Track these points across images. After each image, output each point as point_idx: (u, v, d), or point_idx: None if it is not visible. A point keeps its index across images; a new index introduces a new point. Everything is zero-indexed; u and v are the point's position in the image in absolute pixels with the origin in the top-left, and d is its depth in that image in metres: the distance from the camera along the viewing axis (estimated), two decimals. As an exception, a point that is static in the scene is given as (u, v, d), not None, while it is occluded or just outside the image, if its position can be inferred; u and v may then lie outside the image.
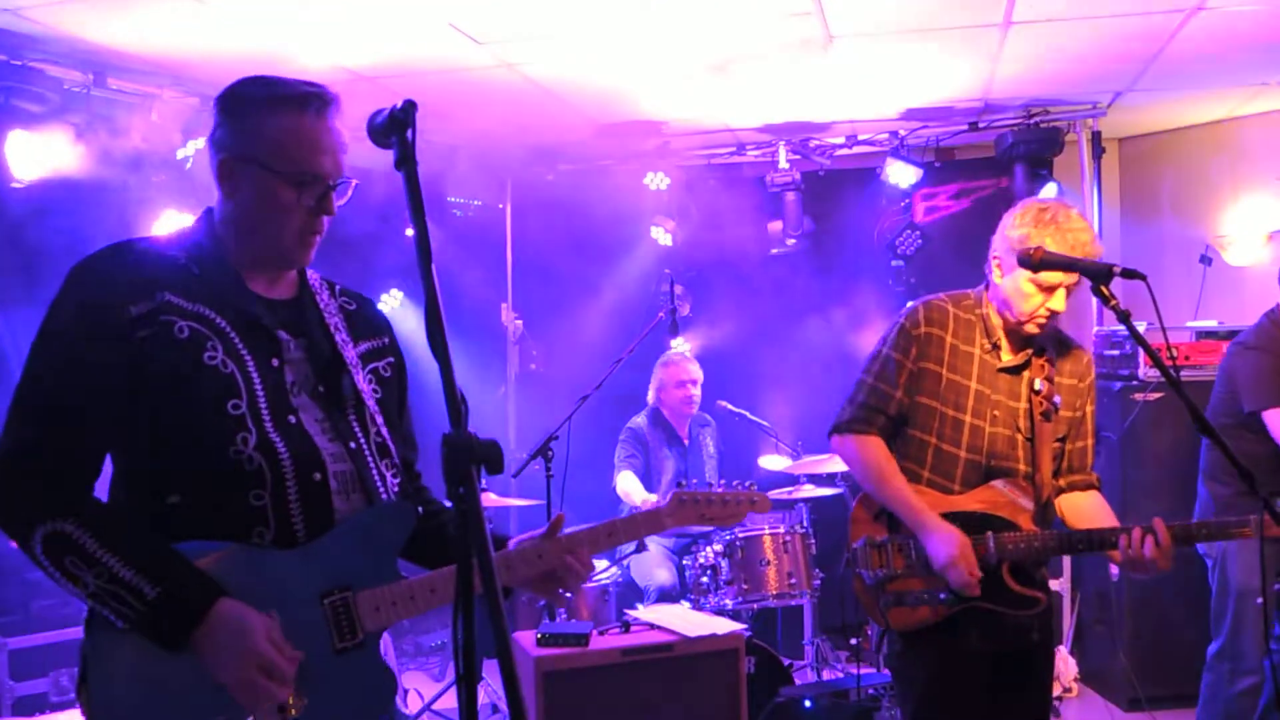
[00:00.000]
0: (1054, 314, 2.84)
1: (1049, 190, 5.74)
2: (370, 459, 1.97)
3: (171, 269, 1.86)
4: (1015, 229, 2.85)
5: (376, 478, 1.96)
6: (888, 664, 3.11)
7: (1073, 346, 3.05)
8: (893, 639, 2.93)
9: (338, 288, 2.12)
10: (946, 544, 2.78)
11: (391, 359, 2.13)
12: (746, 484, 2.32)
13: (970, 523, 2.84)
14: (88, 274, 1.83)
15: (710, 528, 4.13)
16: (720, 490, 2.27)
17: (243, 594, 1.76)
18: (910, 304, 3.04)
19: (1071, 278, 2.77)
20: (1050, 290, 2.80)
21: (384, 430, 2.02)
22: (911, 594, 2.88)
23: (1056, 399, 2.94)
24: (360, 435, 1.97)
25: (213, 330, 1.84)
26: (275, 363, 1.89)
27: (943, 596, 2.84)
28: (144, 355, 1.77)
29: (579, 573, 2.05)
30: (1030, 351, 2.95)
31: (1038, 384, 2.93)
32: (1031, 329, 2.87)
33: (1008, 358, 2.93)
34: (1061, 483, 3.01)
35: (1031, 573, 2.92)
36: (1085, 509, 2.99)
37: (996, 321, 2.93)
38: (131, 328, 1.77)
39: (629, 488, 5.41)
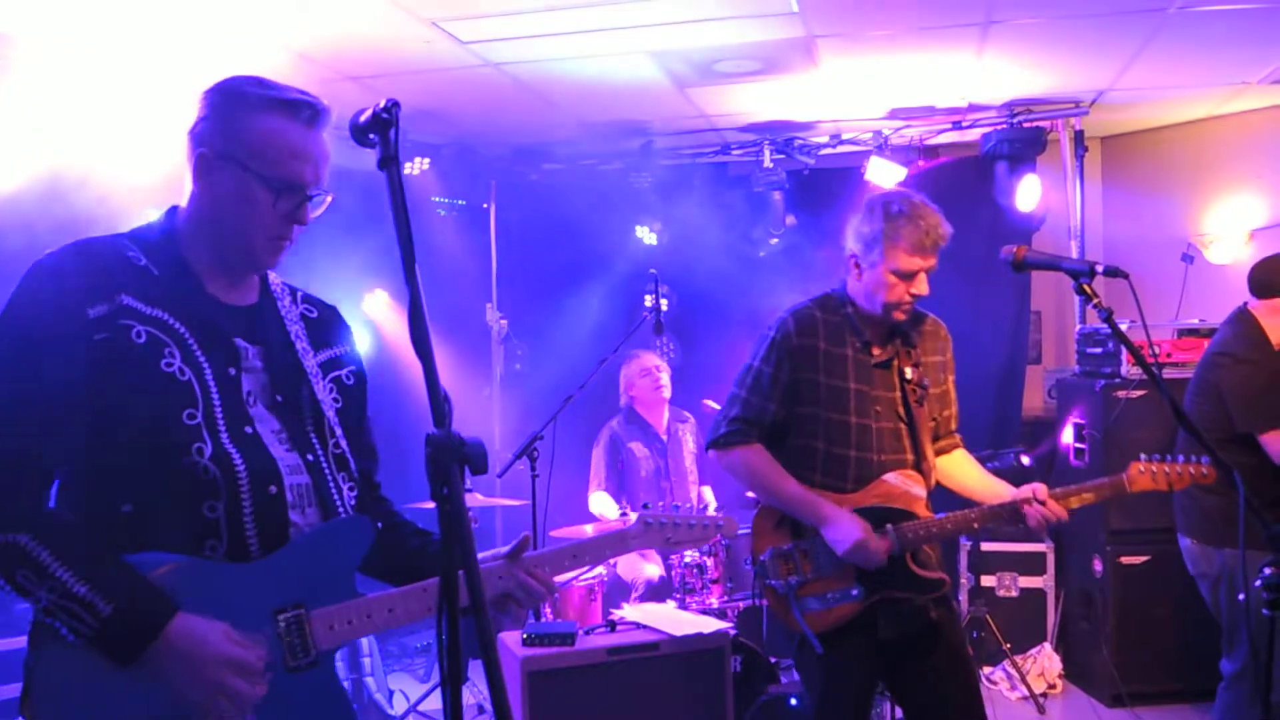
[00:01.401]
0: (918, 297, 2.93)
1: (1029, 183, 5.76)
2: (328, 471, 1.93)
3: (131, 270, 1.82)
4: (868, 225, 2.95)
5: (334, 491, 1.93)
6: (796, 662, 3.15)
7: (930, 322, 3.15)
8: (808, 644, 2.92)
9: (300, 294, 2.08)
10: (847, 530, 2.85)
11: (353, 368, 2.09)
12: (713, 507, 2.34)
13: (869, 519, 2.91)
14: (45, 274, 1.78)
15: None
16: (686, 514, 2.29)
17: (193, 609, 1.71)
18: (778, 315, 3.08)
19: (931, 261, 2.90)
20: (911, 278, 2.89)
21: (343, 442, 1.99)
22: (824, 596, 2.93)
23: (926, 382, 3.05)
24: (318, 447, 1.93)
25: (171, 336, 1.79)
26: (232, 371, 1.85)
27: (855, 592, 2.91)
28: (101, 360, 1.72)
29: (539, 594, 2.02)
30: (896, 342, 3.03)
31: (908, 373, 3.02)
32: (898, 316, 2.96)
33: (878, 353, 3.01)
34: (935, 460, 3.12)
35: (927, 557, 3.01)
36: (954, 469, 3.15)
37: (863, 318, 3.00)
38: (89, 331, 1.73)
39: (603, 509, 5.40)
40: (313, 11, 4.10)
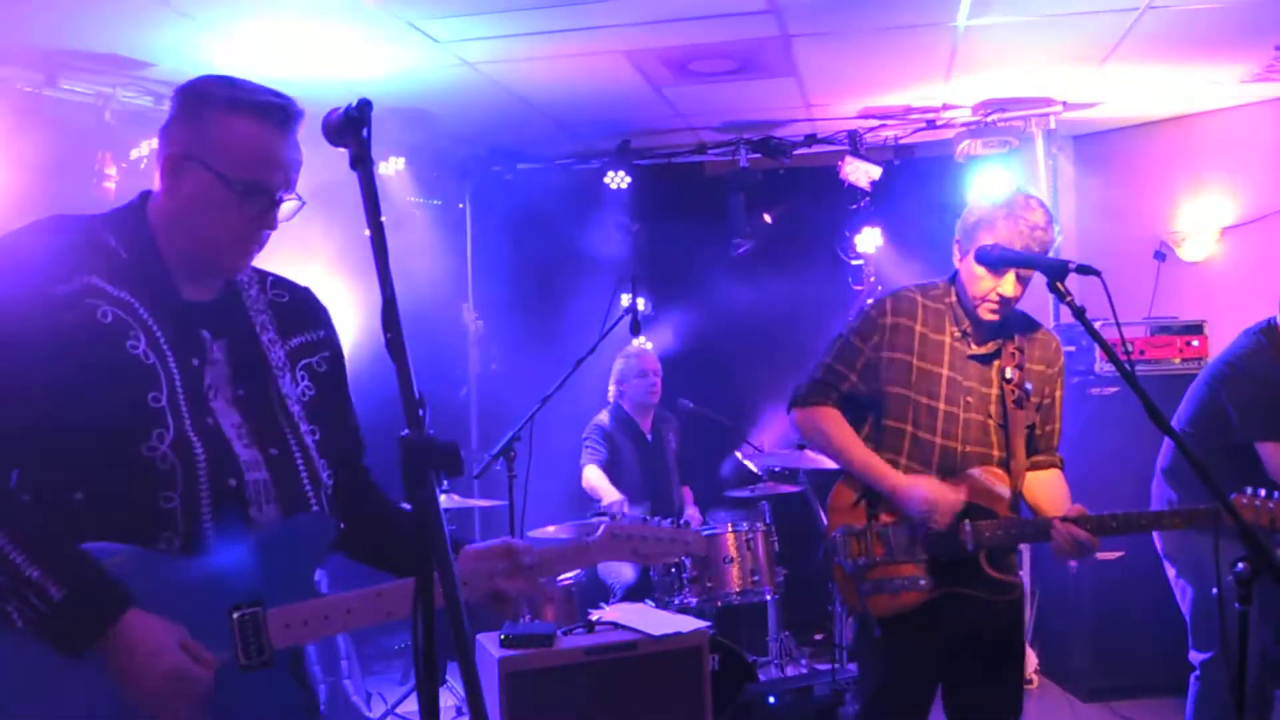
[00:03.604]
0: (1005, 298, 2.87)
1: (1002, 181, 5.79)
2: (297, 467, 1.89)
3: (100, 251, 1.79)
4: (973, 213, 2.92)
5: (307, 485, 1.90)
6: (854, 648, 3.13)
7: (1042, 333, 3.09)
8: (868, 626, 2.92)
9: (270, 279, 2.03)
10: (918, 489, 2.84)
11: (327, 353, 2.05)
12: (682, 521, 2.32)
13: None
14: (11, 250, 1.75)
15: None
16: (655, 527, 2.24)
17: (146, 602, 1.68)
18: (881, 293, 3.09)
19: None
20: (999, 274, 2.84)
21: (312, 436, 1.94)
22: (891, 581, 2.91)
23: (1028, 386, 2.99)
24: (286, 441, 1.90)
25: (136, 320, 1.77)
26: (196, 362, 1.82)
27: (923, 582, 2.88)
28: (65, 338, 1.69)
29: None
30: (1000, 341, 2.99)
31: (1008, 373, 2.97)
32: (986, 314, 2.91)
33: (978, 346, 2.97)
34: (1026, 462, 3.05)
35: (1005, 559, 2.97)
36: (1042, 486, 3.07)
37: (966, 309, 2.96)
38: (55, 308, 1.70)
39: (597, 483, 5.39)
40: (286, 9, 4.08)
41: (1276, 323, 3.78)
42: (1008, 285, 2.85)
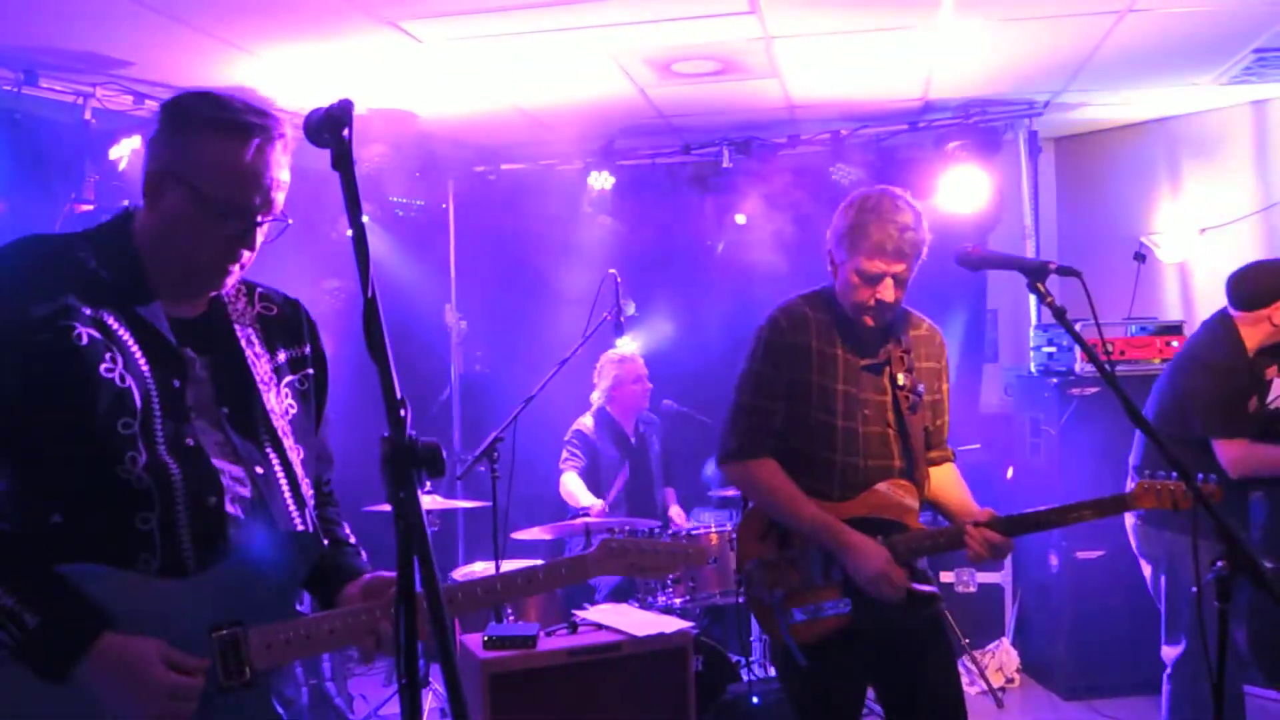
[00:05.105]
0: (884, 305, 2.82)
1: (984, 183, 5.81)
2: (280, 485, 1.87)
3: (79, 271, 1.77)
4: (842, 220, 2.87)
5: (290, 503, 1.88)
6: (781, 675, 3.02)
7: (926, 328, 3.04)
8: (791, 656, 2.83)
9: (258, 291, 2.02)
10: (869, 560, 2.74)
11: (311, 370, 2.03)
12: (684, 534, 2.28)
13: (860, 528, 2.81)
14: None
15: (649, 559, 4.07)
16: (652, 541, 2.19)
17: (125, 624, 1.66)
18: (768, 313, 2.99)
19: (896, 267, 2.79)
20: (874, 281, 2.80)
21: (294, 453, 1.92)
22: (812, 607, 2.84)
23: (920, 388, 2.93)
24: (271, 459, 1.88)
25: (114, 342, 1.75)
26: (177, 383, 1.80)
27: (843, 605, 2.82)
28: (40, 360, 1.68)
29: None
30: (888, 347, 2.93)
31: (900, 379, 2.91)
32: (867, 321, 2.85)
33: (866, 357, 2.91)
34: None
35: (921, 570, 2.92)
36: (941, 482, 3.01)
37: (849, 319, 2.90)
38: (31, 330, 1.68)
39: (573, 489, 5.40)
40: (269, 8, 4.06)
41: (1229, 312, 3.81)
42: (887, 291, 2.80)
